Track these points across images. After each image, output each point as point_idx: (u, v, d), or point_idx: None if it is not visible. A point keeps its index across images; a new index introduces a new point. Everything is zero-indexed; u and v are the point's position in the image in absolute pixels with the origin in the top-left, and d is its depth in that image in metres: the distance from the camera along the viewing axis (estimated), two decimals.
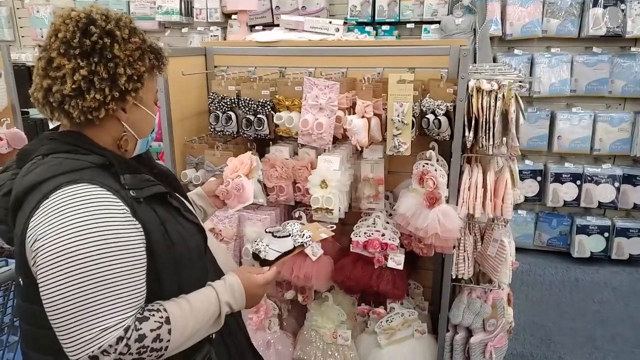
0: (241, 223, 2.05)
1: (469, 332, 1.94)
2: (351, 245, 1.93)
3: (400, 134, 1.77)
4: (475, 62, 3.67)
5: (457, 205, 1.79)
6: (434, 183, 1.77)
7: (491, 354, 1.92)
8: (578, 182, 3.99)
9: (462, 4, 3.82)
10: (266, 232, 1.44)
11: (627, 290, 3.62)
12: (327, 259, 1.96)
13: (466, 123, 1.75)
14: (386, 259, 1.86)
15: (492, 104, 1.69)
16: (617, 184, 3.91)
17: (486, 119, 1.70)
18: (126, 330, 0.91)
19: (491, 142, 1.71)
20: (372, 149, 1.95)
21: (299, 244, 1.39)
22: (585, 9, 3.82)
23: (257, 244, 1.38)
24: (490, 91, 1.71)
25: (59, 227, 0.89)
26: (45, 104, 1.03)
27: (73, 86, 0.99)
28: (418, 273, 2.16)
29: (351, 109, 1.93)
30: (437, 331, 2.03)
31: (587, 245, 4.02)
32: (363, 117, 1.82)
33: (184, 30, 4.62)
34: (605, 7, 3.72)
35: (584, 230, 4.01)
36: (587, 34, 3.80)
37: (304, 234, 1.40)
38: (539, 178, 4.07)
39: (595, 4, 3.73)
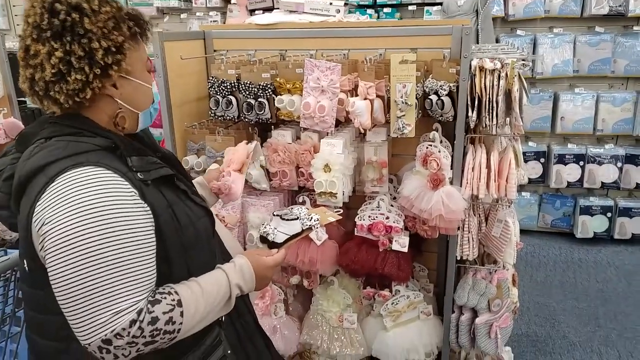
0: (245, 209, 2.05)
1: (475, 313, 1.94)
2: (355, 228, 1.93)
3: (404, 115, 1.75)
4: (478, 43, 3.64)
5: (461, 186, 1.78)
6: (438, 164, 1.76)
7: (496, 334, 1.92)
8: (581, 163, 3.98)
9: None
10: (274, 215, 1.43)
11: (629, 269, 3.63)
12: (331, 243, 1.96)
13: (469, 103, 1.73)
14: (391, 242, 1.86)
15: (495, 83, 1.67)
16: (619, 164, 3.90)
17: (489, 98, 1.68)
18: (139, 313, 0.90)
19: (494, 122, 1.69)
20: (376, 132, 1.94)
21: (307, 227, 1.38)
22: None
23: (265, 227, 1.38)
24: (493, 70, 1.68)
25: (67, 210, 0.88)
26: (32, 94, 1.00)
27: (52, 71, 0.95)
28: (423, 255, 2.16)
29: (353, 91, 1.91)
30: (442, 313, 2.03)
31: (590, 225, 4.02)
32: (365, 99, 1.81)
33: (183, 16, 4.57)
34: None
35: (587, 210, 4.01)
36: (590, 13, 3.76)
37: (312, 217, 1.40)
38: (542, 159, 4.06)
39: None
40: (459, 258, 1.87)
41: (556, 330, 2.91)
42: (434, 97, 1.76)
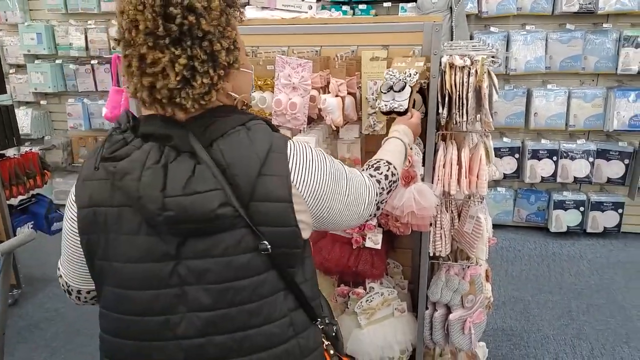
0: None
1: (448, 309, 1.95)
2: None
3: (375, 112, 1.74)
4: (452, 40, 3.66)
5: (432, 183, 1.78)
6: (409, 161, 1.76)
7: (470, 330, 1.93)
8: (554, 158, 4.05)
9: None
10: (384, 92, 1.62)
11: (601, 262, 3.71)
12: None
13: (439, 100, 1.73)
14: (364, 239, 1.86)
15: (465, 80, 1.68)
16: (591, 159, 3.98)
17: (459, 95, 1.68)
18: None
19: (465, 119, 1.69)
20: (348, 129, 1.93)
21: (414, 82, 1.61)
22: None
23: (384, 104, 1.60)
24: (463, 67, 1.69)
25: (320, 162, 1.07)
26: (152, 101, 0.96)
27: (177, 78, 0.93)
28: (397, 252, 2.16)
29: (326, 88, 1.89)
30: (417, 309, 2.04)
31: (564, 219, 4.09)
32: (337, 95, 1.79)
33: None
34: None
35: (560, 205, 4.08)
36: (561, 10, 3.82)
37: (410, 74, 1.62)
38: (516, 155, 4.12)
39: None
40: (431, 254, 1.87)
41: (531, 324, 2.95)
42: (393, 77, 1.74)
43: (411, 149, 1.78)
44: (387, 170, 1.29)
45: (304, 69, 1.80)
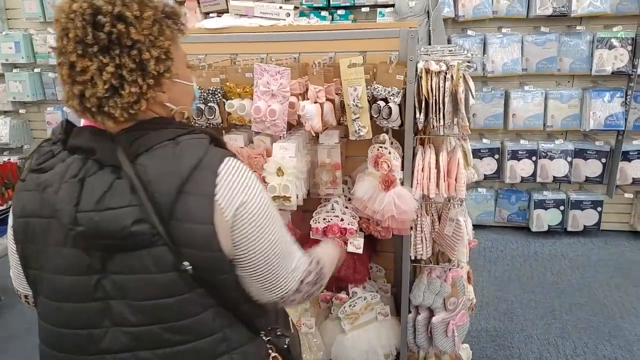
0: None
1: (431, 312, 1.97)
2: (311, 232, 1.92)
3: (358, 117, 1.76)
4: (430, 44, 3.70)
5: (411, 187, 1.80)
6: (389, 166, 1.77)
7: (453, 332, 1.95)
8: (533, 158, 4.11)
9: None
10: (374, 115, 1.73)
11: (582, 261, 3.77)
12: None
13: (416, 105, 1.75)
14: (346, 244, 1.86)
15: (441, 85, 1.70)
16: (569, 159, 4.05)
17: (436, 100, 1.71)
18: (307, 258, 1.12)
19: (442, 123, 1.72)
20: (328, 134, 1.94)
21: (400, 101, 1.73)
22: None
23: (378, 122, 1.72)
24: (439, 72, 1.71)
25: (254, 188, 1.00)
26: (83, 110, 0.95)
27: (105, 87, 0.92)
28: (379, 255, 2.17)
29: (305, 95, 1.90)
30: (400, 313, 2.05)
31: (545, 219, 4.15)
32: (315, 102, 1.80)
33: None
34: None
35: (541, 204, 4.14)
36: (535, 14, 3.89)
37: (394, 93, 1.71)
38: (496, 156, 4.17)
39: None
40: (413, 258, 1.89)
41: (514, 324, 2.99)
42: (381, 103, 1.77)
43: (389, 153, 1.80)
44: (318, 265, 1.15)
45: (282, 76, 1.81)
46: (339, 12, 4.04)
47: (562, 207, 4.13)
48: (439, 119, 1.71)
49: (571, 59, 3.94)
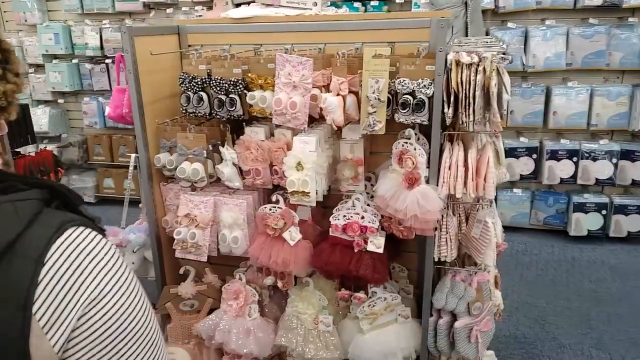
0: (217, 208, 1.98)
1: (454, 317, 1.88)
2: (330, 229, 1.86)
3: (375, 111, 1.68)
4: (467, 36, 3.55)
5: (437, 185, 1.71)
6: (413, 163, 1.69)
7: (477, 339, 1.85)
8: (575, 159, 3.90)
9: None
10: (400, 109, 1.56)
11: (625, 269, 3.56)
12: (305, 243, 1.89)
13: (445, 99, 1.66)
14: (366, 243, 1.79)
15: (473, 78, 1.60)
16: (614, 160, 3.82)
17: (466, 94, 1.61)
18: None
19: (471, 119, 1.62)
20: (351, 129, 1.87)
21: (431, 94, 1.57)
22: None
23: (404, 118, 1.55)
24: (470, 64, 1.61)
25: (111, 286, 0.66)
26: None
27: None
28: (402, 256, 2.09)
29: (328, 87, 1.84)
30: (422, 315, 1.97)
31: (585, 223, 3.94)
32: (338, 94, 1.74)
33: (169, 10, 4.50)
34: None
35: (581, 208, 3.94)
36: (583, 4, 3.68)
37: (425, 85, 1.58)
38: (534, 155, 3.99)
39: None
40: (436, 259, 1.80)
41: (545, 332, 2.84)
42: (408, 97, 1.68)
43: (415, 149, 1.72)
44: None
45: (305, 67, 1.75)
46: (372, 3, 3.93)
47: (604, 212, 3.91)
48: (469, 114, 1.61)
49: (621, 53, 3.71)
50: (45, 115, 4.90)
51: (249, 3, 2.36)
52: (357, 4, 3.86)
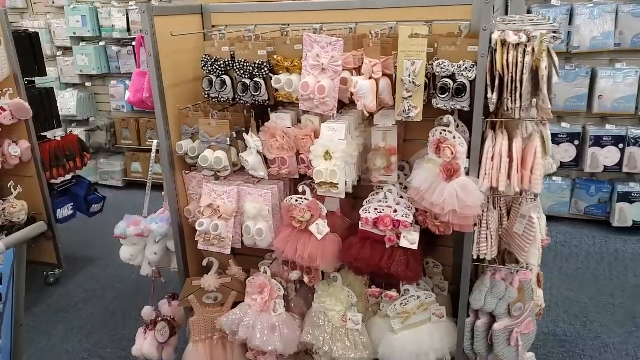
0: (241, 198, 1.89)
1: (493, 317, 1.75)
2: (360, 222, 1.75)
3: (410, 96, 1.54)
4: (507, 14, 3.33)
5: (478, 177, 1.57)
6: (452, 152, 1.55)
7: (517, 341, 1.73)
8: (620, 146, 3.68)
9: None
10: (438, 94, 1.45)
11: None
12: (333, 237, 1.78)
13: (489, 83, 1.51)
14: (398, 238, 1.67)
15: (520, 59, 1.44)
16: None
17: (512, 77, 1.45)
18: None
19: (518, 105, 1.46)
20: (384, 115, 1.74)
21: (473, 77, 1.45)
22: None
23: (443, 104, 1.42)
24: (518, 45, 1.45)
25: None
26: None
27: None
28: (437, 250, 1.96)
29: (360, 70, 1.71)
30: (458, 314, 1.84)
31: (630, 213, 3.72)
32: (370, 78, 1.60)
33: None
34: None
35: (625, 197, 3.72)
36: None
37: (466, 67, 1.46)
38: (576, 142, 3.76)
39: None
40: (475, 257, 1.67)
41: (588, 330, 2.68)
42: (448, 81, 1.54)
43: (454, 137, 1.58)
44: None
45: (334, 48, 1.62)
46: None
47: None
48: (515, 99, 1.45)
49: None
50: (73, 99, 4.91)
51: None
52: None
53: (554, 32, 1.50)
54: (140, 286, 3.13)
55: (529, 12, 3.60)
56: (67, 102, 4.86)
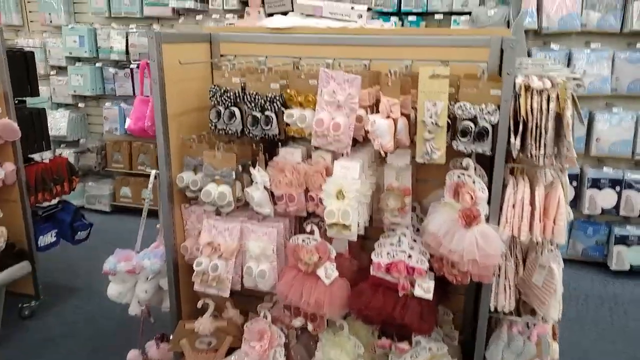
0: (244, 236, 1.79)
1: None
2: (371, 267, 1.66)
3: (433, 138, 1.48)
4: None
5: (498, 225, 1.50)
6: (472, 198, 1.49)
7: None
8: (617, 189, 3.68)
9: None
10: (460, 138, 1.43)
11: None
12: (342, 282, 1.69)
13: (512, 128, 1.46)
14: (412, 286, 1.59)
15: (545, 106, 1.41)
16: None
17: (537, 123, 1.41)
18: None
19: (542, 152, 1.42)
20: (398, 154, 1.68)
21: (496, 122, 1.41)
22: (629, 1, 3.48)
23: (464, 147, 1.41)
24: (542, 90, 1.42)
25: None
26: None
27: None
28: (448, 298, 1.88)
29: (374, 107, 1.65)
30: None
31: (627, 257, 3.70)
32: (388, 117, 1.54)
33: (199, 17, 4.38)
34: None
35: (623, 240, 3.70)
36: (631, 28, 3.47)
37: (488, 111, 1.43)
38: (574, 183, 3.76)
39: None
40: (492, 309, 1.58)
41: None
42: (469, 123, 1.49)
43: (474, 182, 1.51)
44: None
45: (352, 85, 1.57)
46: (410, 18, 3.75)
47: None
48: (540, 146, 1.41)
49: None
50: (64, 119, 4.77)
51: (285, 13, 2.21)
52: (394, 19, 3.68)
53: (576, 79, 1.47)
54: (126, 322, 2.93)
55: (529, 54, 3.63)
56: (58, 122, 4.73)
